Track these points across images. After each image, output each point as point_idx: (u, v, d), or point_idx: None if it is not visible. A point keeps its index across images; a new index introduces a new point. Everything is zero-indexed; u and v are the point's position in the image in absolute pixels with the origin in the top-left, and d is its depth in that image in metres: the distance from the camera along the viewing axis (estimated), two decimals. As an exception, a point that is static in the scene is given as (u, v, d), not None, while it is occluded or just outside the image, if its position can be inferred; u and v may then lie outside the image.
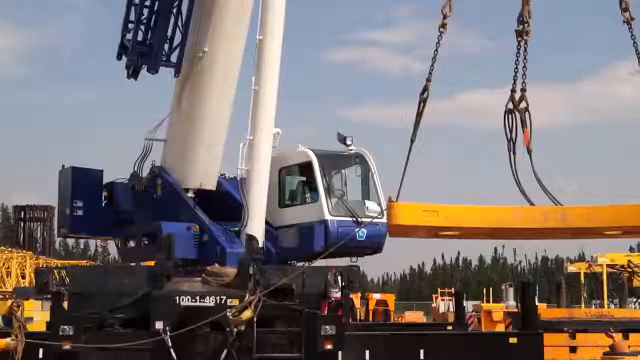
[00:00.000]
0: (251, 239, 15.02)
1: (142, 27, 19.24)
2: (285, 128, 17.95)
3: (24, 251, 63.00)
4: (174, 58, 19.09)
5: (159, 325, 13.39)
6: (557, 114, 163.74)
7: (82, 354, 13.34)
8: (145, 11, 19.13)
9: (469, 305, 34.69)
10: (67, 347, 13.20)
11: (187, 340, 13.55)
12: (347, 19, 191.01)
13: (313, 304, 13.82)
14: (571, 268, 39.03)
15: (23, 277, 54.41)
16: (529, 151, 10.89)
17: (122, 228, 19.48)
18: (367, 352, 14.20)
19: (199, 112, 18.07)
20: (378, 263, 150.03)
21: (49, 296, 14.38)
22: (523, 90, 11.09)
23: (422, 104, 11.29)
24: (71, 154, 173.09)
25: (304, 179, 17.74)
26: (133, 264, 18.44)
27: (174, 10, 19.15)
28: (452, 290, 51.64)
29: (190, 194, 18.14)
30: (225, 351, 13.31)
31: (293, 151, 17.96)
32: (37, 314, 27.59)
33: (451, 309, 38.82)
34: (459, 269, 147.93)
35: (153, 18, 19.14)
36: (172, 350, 13.28)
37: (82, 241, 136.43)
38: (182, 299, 13.58)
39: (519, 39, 11.19)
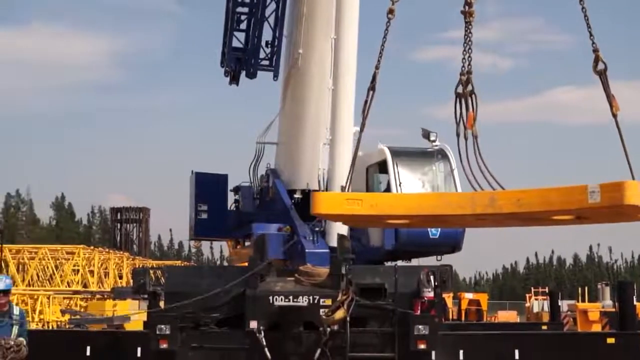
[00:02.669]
0: (343, 238, 15.03)
1: (241, 34, 19.66)
2: (375, 128, 17.98)
3: (121, 252, 64.51)
4: (272, 62, 19.48)
5: (253, 324, 13.53)
6: None
7: (178, 352, 13.58)
8: (244, 18, 19.56)
9: (563, 304, 34.17)
10: (164, 346, 13.45)
11: (281, 340, 13.66)
12: (439, 18, 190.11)
13: (406, 303, 13.76)
14: (670, 266, 38.06)
15: (120, 278, 55.73)
16: (474, 135, 10.56)
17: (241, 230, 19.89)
18: (461, 352, 14.09)
19: (301, 112, 18.21)
20: (470, 262, 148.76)
21: (146, 296, 14.65)
22: (469, 72, 10.76)
23: (371, 92, 11.15)
24: (169, 156, 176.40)
25: (384, 176, 17.73)
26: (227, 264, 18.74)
27: (269, 16, 19.50)
28: (546, 289, 50.84)
29: (298, 195, 18.23)
30: (318, 350, 13.37)
31: (376, 149, 18.00)
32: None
33: (545, 309, 38.28)
34: (552, 268, 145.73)
35: (252, 24, 19.54)
36: (266, 349, 13.41)
37: (176, 242, 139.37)
38: (276, 298, 13.69)
39: (465, 20, 10.91)
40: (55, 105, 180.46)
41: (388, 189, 17.12)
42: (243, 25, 20.63)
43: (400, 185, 16.86)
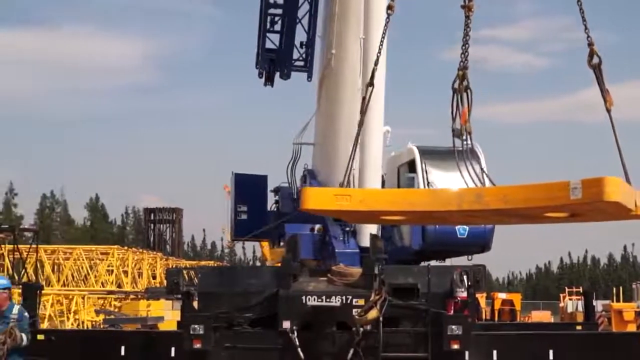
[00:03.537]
0: (375, 238, 15.02)
1: (276, 35, 19.76)
2: (409, 128, 17.98)
3: (155, 252, 64.90)
4: (307, 63, 19.55)
5: (286, 324, 13.55)
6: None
7: (212, 352, 13.64)
8: (277, 20, 19.68)
9: (598, 304, 33.88)
10: (198, 346, 13.51)
11: (314, 340, 13.67)
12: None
13: (439, 303, 13.73)
14: None
15: (154, 278, 56.09)
16: (468, 132, 10.41)
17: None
18: (494, 352, 14.02)
19: (335, 113, 18.21)
20: (503, 262, 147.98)
21: (179, 296, 14.72)
22: (465, 68, 10.61)
23: (369, 88, 11.12)
24: (202, 156, 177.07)
25: (414, 175, 17.71)
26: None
27: (302, 17, 19.57)
28: (580, 289, 50.46)
29: None
30: (351, 351, 13.37)
31: (405, 149, 18.01)
32: (167, 314, 28.44)
33: (580, 309, 38.01)
34: (587, 268, 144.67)
35: (285, 25, 19.65)
36: (299, 349, 13.43)
37: (209, 242, 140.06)
38: (309, 298, 13.71)
39: (465, 15, 10.74)
40: (90, 107, 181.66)
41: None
42: (277, 27, 20.77)
43: (429, 184, 16.82)
